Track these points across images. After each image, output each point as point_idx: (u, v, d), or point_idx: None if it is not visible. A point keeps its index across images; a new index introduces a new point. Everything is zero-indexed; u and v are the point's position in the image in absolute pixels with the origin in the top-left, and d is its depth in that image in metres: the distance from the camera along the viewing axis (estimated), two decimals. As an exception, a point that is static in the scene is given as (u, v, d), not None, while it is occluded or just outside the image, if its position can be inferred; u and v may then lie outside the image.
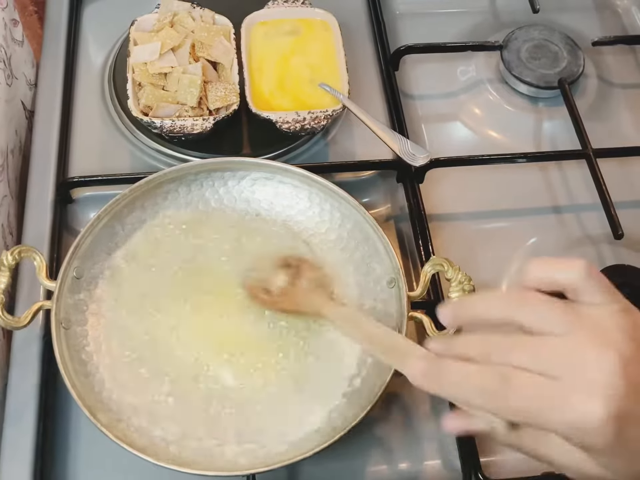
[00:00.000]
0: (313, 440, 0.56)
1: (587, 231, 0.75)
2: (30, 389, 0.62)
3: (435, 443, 0.63)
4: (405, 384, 0.63)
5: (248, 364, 0.61)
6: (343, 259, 0.67)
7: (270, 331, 0.63)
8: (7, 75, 0.76)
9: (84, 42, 0.84)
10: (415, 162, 0.69)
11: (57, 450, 0.61)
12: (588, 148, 0.76)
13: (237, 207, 0.69)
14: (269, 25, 0.78)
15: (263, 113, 0.71)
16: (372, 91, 0.82)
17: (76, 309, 0.62)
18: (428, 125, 0.82)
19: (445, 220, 0.75)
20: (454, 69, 0.87)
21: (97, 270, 0.64)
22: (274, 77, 0.75)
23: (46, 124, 0.77)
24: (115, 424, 0.56)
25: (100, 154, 0.76)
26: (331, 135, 0.78)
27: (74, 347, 0.60)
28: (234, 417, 0.59)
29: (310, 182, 0.67)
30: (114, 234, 0.66)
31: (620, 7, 0.95)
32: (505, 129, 0.83)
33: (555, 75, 0.83)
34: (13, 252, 0.60)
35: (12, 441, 0.60)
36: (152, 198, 0.67)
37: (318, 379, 0.61)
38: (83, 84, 0.81)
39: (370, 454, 0.62)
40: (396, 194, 0.76)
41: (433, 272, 0.62)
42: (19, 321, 0.59)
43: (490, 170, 0.77)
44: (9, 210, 0.73)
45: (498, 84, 0.85)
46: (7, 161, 0.73)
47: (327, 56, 0.76)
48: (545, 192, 0.78)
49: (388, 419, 0.63)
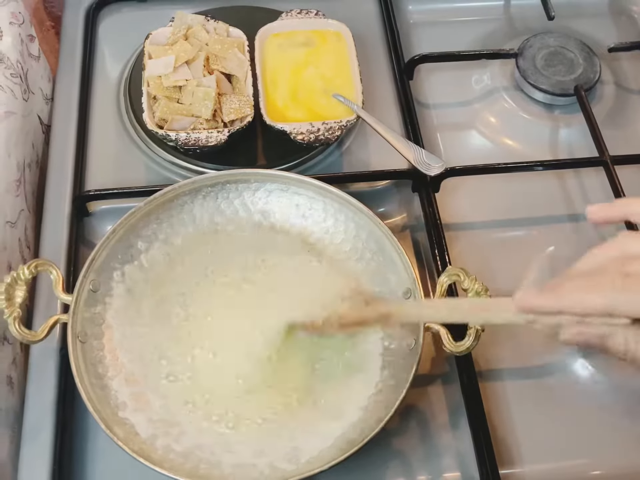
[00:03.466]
0: (329, 454, 0.55)
1: (605, 239, 0.74)
2: (48, 403, 0.62)
3: (454, 455, 0.62)
4: (423, 396, 0.63)
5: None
6: (358, 269, 0.67)
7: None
8: (23, 90, 0.76)
9: (100, 56, 0.85)
10: (430, 171, 0.69)
11: (75, 464, 0.61)
12: (605, 155, 0.75)
13: (252, 218, 0.69)
14: (282, 37, 0.78)
15: (277, 124, 0.71)
16: (386, 101, 0.82)
17: (92, 322, 0.62)
18: (443, 134, 0.82)
19: (461, 230, 0.75)
20: (469, 77, 0.87)
21: (113, 283, 0.64)
22: (288, 89, 0.75)
23: (62, 138, 0.77)
24: (132, 438, 0.56)
25: (116, 167, 0.76)
26: (346, 145, 0.78)
27: (90, 361, 0.60)
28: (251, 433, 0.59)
29: (325, 192, 0.67)
30: (130, 246, 0.66)
31: (636, 13, 0.94)
32: (521, 137, 0.82)
33: (572, 82, 0.82)
34: (30, 266, 0.60)
35: (30, 455, 0.61)
36: (167, 210, 0.67)
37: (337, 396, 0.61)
38: (99, 98, 0.81)
39: (388, 467, 0.62)
40: (412, 203, 0.76)
41: (449, 283, 0.61)
42: (36, 335, 0.59)
43: (507, 178, 0.77)
44: (26, 224, 0.73)
45: (513, 91, 0.85)
46: (24, 175, 0.74)
47: (341, 67, 0.76)
48: (563, 200, 0.77)
49: (406, 432, 0.63)
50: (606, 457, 0.63)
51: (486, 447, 0.61)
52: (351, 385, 0.61)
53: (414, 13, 0.92)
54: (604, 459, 0.63)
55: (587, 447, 0.63)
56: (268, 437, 0.59)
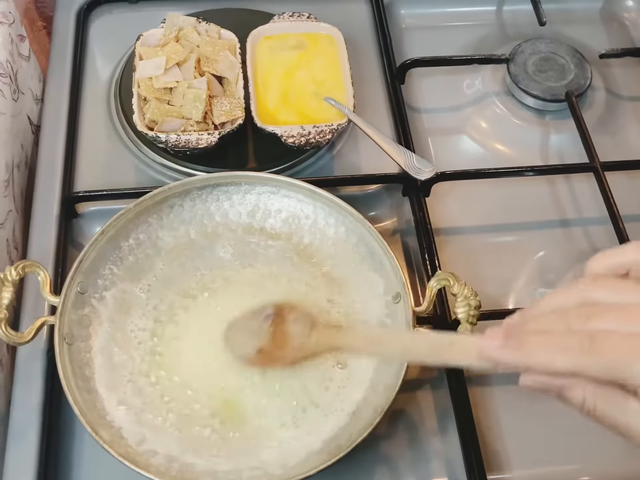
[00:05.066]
0: (317, 459, 0.55)
1: (595, 245, 0.75)
2: (34, 405, 0.62)
3: (442, 460, 0.62)
4: (411, 400, 0.63)
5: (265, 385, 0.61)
6: (347, 273, 0.66)
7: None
8: (13, 91, 0.76)
9: (91, 57, 0.84)
10: (420, 175, 0.69)
11: (61, 467, 0.61)
12: (596, 161, 0.76)
13: (242, 221, 0.69)
14: (274, 40, 0.78)
15: (268, 127, 0.70)
16: (377, 105, 0.82)
17: (80, 324, 0.62)
18: (434, 138, 0.82)
19: (451, 234, 0.75)
20: (460, 82, 0.87)
21: (101, 285, 0.64)
22: (279, 91, 0.75)
23: (52, 139, 0.77)
24: (118, 441, 0.56)
25: (105, 169, 0.76)
26: (336, 149, 0.78)
27: (77, 363, 0.59)
28: (238, 440, 0.58)
29: (316, 196, 0.67)
30: (118, 248, 0.65)
31: (628, 20, 0.95)
32: (512, 142, 0.82)
33: (562, 88, 0.82)
34: (17, 267, 0.60)
35: (16, 457, 0.60)
36: (156, 212, 0.67)
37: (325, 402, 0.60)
38: (89, 99, 0.81)
39: (376, 472, 0.61)
40: (402, 207, 0.76)
41: (439, 287, 0.61)
42: (23, 337, 0.59)
43: (497, 183, 0.77)
44: (14, 225, 0.73)
45: (504, 97, 0.85)
46: (12, 176, 0.73)
47: (333, 70, 0.76)
48: (553, 205, 0.77)
49: (394, 436, 0.62)
50: (595, 462, 0.63)
51: (474, 453, 0.61)
52: (342, 395, 0.61)
53: (406, 17, 0.92)
54: (592, 464, 0.63)
55: (576, 452, 0.63)
56: (253, 443, 0.58)
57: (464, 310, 0.59)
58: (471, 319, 0.59)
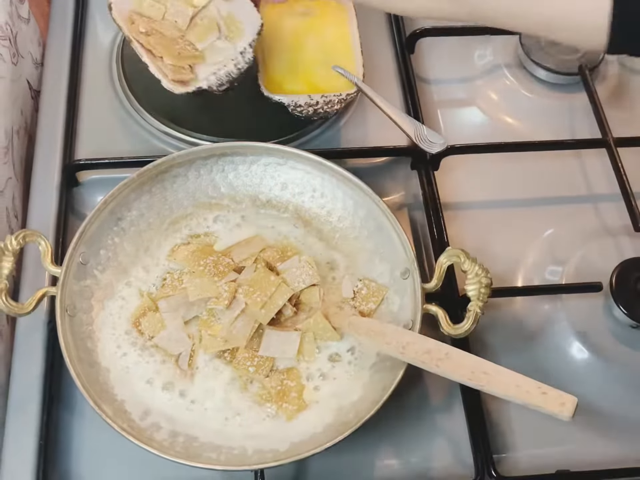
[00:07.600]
0: (323, 436, 0.54)
1: (606, 222, 0.73)
2: (34, 377, 0.61)
3: (448, 439, 0.62)
4: (418, 379, 0.62)
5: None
6: (356, 248, 0.65)
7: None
8: (12, 54, 0.74)
9: (92, 21, 0.82)
10: (431, 149, 0.67)
11: (61, 440, 0.60)
12: (608, 136, 0.74)
13: (248, 192, 0.67)
14: (282, 7, 0.75)
15: (275, 96, 0.68)
16: (386, 75, 0.80)
17: (82, 295, 0.60)
18: (443, 110, 0.80)
19: (460, 209, 0.74)
20: (471, 53, 0.85)
21: (103, 255, 0.63)
22: (287, 59, 0.72)
23: (52, 105, 0.75)
24: (121, 415, 0.55)
25: (107, 136, 0.74)
26: (344, 120, 0.76)
27: (79, 335, 0.58)
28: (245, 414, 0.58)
29: (323, 168, 0.65)
30: (121, 219, 0.64)
31: (643, -9, 0.92)
32: (523, 115, 0.80)
33: (576, 61, 0.80)
34: (17, 236, 0.59)
35: (16, 431, 0.59)
36: (160, 182, 0.65)
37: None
38: (90, 64, 0.79)
39: (381, 449, 0.61)
40: (410, 181, 0.75)
41: (449, 264, 0.60)
42: (23, 308, 0.58)
43: (507, 158, 0.75)
44: (14, 192, 0.71)
45: (516, 69, 0.83)
46: (12, 142, 0.72)
47: (342, 38, 0.74)
48: (564, 181, 0.76)
49: (400, 415, 0.62)
50: (600, 442, 0.63)
51: (481, 432, 0.60)
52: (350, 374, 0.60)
53: (416, -15, 0.90)
54: (597, 444, 0.63)
55: (582, 432, 0.63)
56: (260, 420, 0.58)
57: (474, 288, 0.58)
58: (482, 297, 0.58)
